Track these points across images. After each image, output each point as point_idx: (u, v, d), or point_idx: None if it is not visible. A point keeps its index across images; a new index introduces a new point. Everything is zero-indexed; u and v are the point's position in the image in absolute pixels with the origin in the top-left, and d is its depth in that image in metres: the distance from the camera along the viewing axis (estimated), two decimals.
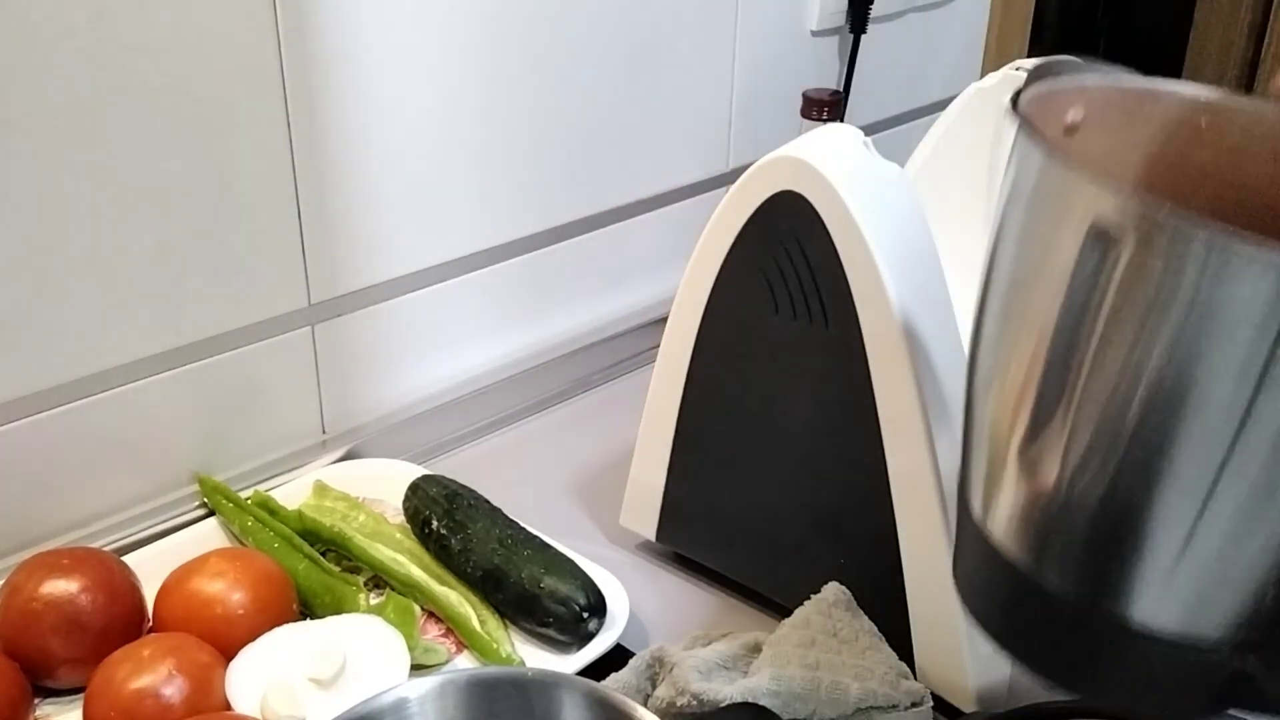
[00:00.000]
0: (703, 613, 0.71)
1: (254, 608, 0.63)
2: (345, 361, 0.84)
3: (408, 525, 0.73)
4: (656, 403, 0.71)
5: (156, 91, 0.68)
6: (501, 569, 0.66)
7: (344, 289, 0.82)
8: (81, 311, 0.68)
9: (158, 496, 0.75)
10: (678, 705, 0.57)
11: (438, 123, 0.83)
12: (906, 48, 1.24)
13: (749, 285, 0.64)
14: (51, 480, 0.70)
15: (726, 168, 1.08)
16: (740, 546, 0.70)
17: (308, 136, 0.76)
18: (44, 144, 0.64)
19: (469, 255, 0.89)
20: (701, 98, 1.03)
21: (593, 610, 0.64)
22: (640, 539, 0.75)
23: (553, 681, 0.49)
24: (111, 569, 0.63)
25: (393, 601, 0.66)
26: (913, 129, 1.28)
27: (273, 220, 0.76)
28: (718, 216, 0.64)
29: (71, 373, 0.69)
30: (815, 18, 1.10)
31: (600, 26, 0.92)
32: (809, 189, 0.60)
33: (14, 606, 0.60)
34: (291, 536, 0.70)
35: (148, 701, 0.56)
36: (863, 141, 0.63)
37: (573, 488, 0.83)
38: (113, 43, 0.65)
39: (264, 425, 0.80)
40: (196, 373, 0.75)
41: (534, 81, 0.89)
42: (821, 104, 0.80)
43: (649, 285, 1.04)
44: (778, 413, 0.65)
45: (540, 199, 0.93)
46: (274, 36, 0.72)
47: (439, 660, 0.64)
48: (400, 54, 0.79)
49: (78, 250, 0.67)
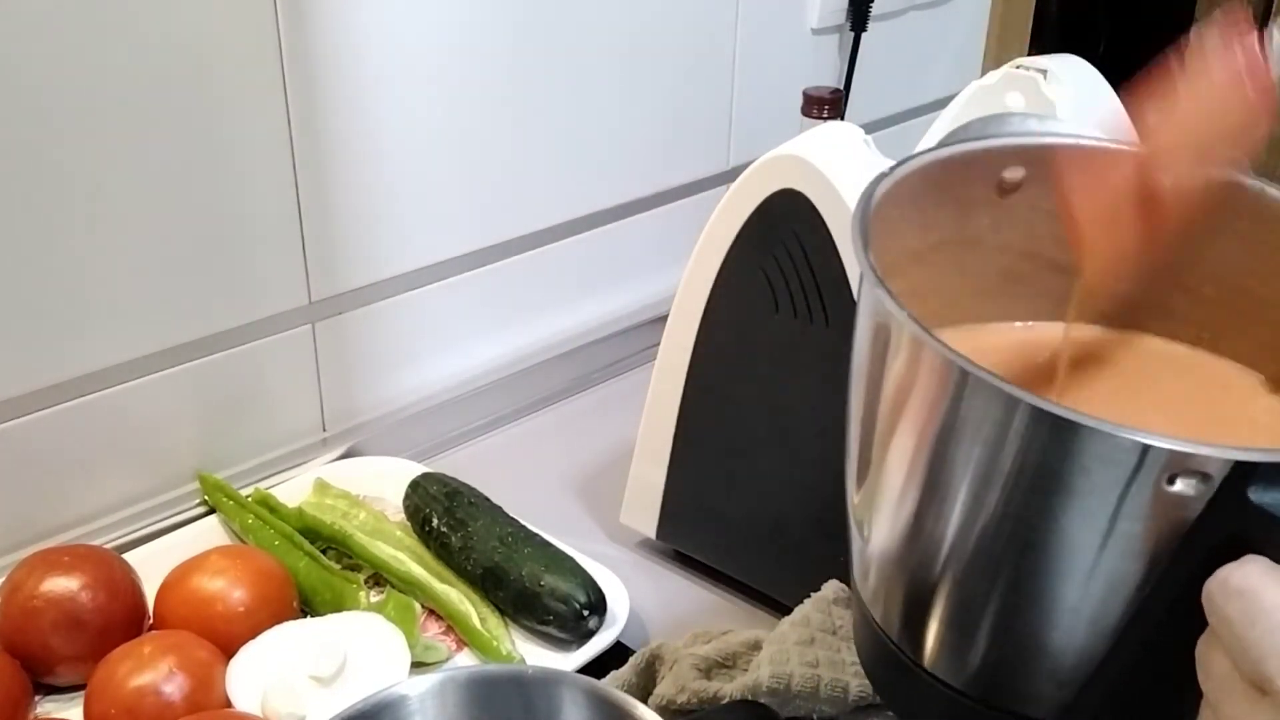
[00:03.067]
0: (702, 610, 0.71)
1: (254, 605, 0.63)
2: (346, 359, 0.84)
3: (408, 523, 0.73)
4: (657, 401, 0.71)
5: (157, 89, 0.68)
6: (502, 567, 0.66)
7: (344, 287, 0.82)
8: (81, 309, 0.68)
9: (158, 494, 0.75)
10: (678, 703, 0.57)
11: (438, 120, 0.83)
12: (907, 46, 1.23)
13: (749, 283, 0.64)
14: (52, 478, 0.70)
15: (727, 166, 1.08)
16: (740, 544, 0.70)
17: (308, 134, 0.76)
18: (43, 142, 0.64)
19: (470, 253, 0.89)
20: (702, 95, 1.03)
21: (593, 608, 0.64)
22: (640, 537, 0.75)
23: (553, 679, 0.49)
24: (112, 566, 0.63)
25: (393, 599, 0.66)
26: (913, 127, 1.27)
27: (273, 218, 0.76)
28: (718, 215, 0.64)
29: (71, 370, 0.69)
30: (816, 15, 1.10)
31: (600, 24, 0.92)
32: (809, 187, 0.60)
33: (14, 604, 0.60)
34: (292, 534, 0.70)
35: (148, 699, 0.56)
36: (863, 140, 0.63)
37: (573, 485, 0.83)
38: (112, 40, 0.65)
39: (264, 423, 0.80)
40: (197, 370, 0.75)
41: (535, 79, 0.88)
42: (822, 102, 0.80)
43: (649, 283, 1.04)
44: (778, 410, 0.65)
45: (540, 196, 0.93)
46: (274, 34, 0.72)
47: (439, 658, 0.64)
48: (401, 51, 0.79)
49: (77, 248, 0.67)
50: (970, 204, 0.48)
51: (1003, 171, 0.47)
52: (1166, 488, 0.34)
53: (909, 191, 0.45)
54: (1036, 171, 0.47)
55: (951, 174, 0.46)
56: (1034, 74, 0.72)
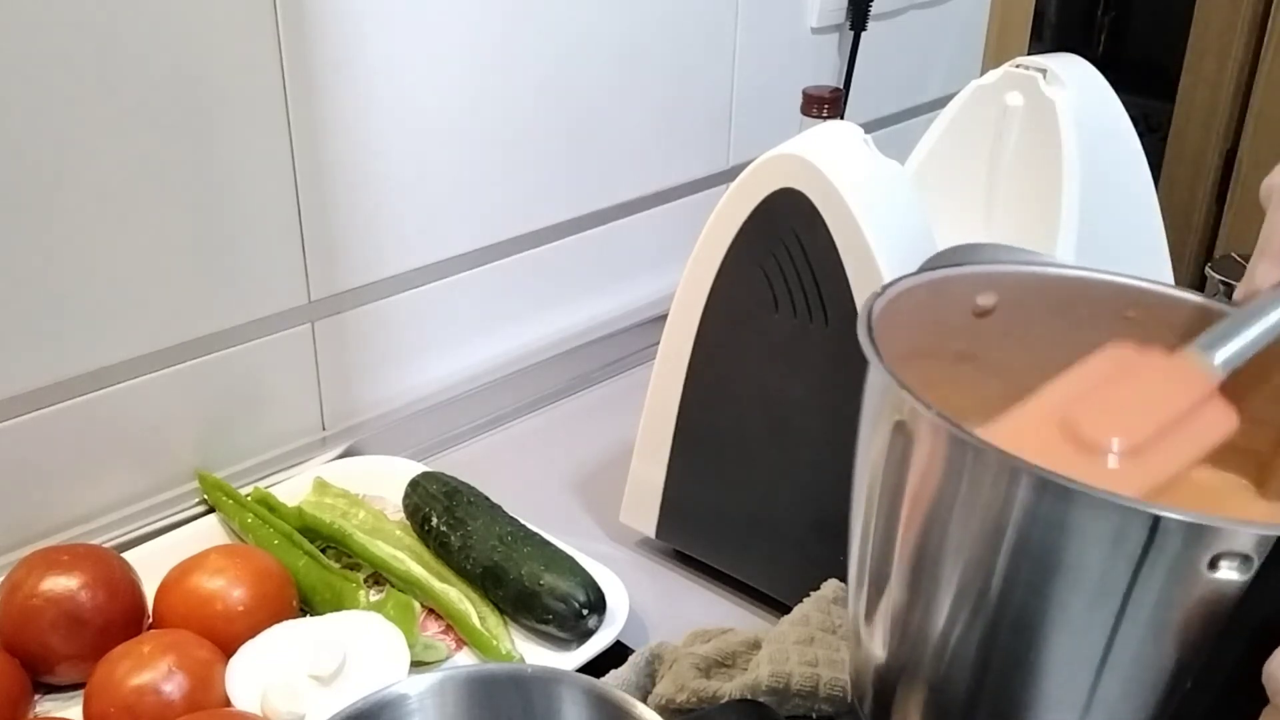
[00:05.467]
0: (702, 609, 0.71)
1: (254, 604, 0.63)
2: (345, 358, 0.84)
3: (407, 522, 0.73)
4: (656, 400, 0.71)
5: (158, 91, 0.68)
6: (501, 566, 0.66)
7: (344, 286, 0.82)
8: (81, 308, 0.68)
9: (158, 493, 0.75)
10: (677, 702, 0.57)
11: (438, 119, 0.83)
12: (907, 45, 1.24)
13: (749, 282, 0.64)
14: (52, 477, 0.70)
15: (727, 165, 1.08)
16: (739, 543, 0.70)
17: (308, 133, 0.76)
18: (42, 140, 0.64)
19: (469, 252, 0.89)
20: (702, 94, 1.03)
21: (592, 607, 0.64)
22: (640, 536, 0.75)
23: (552, 678, 0.49)
24: (111, 565, 0.63)
25: (392, 598, 0.66)
26: (913, 126, 1.28)
27: (273, 217, 0.76)
28: (718, 214, 0.64)
29: (71, 369, 0.69)
30: (815, 15, 1.10)
31: (601, 23, 0.91)
32: (809, 186, 0.60)
33: (14, 603, 0.60)
34: (291, 533, 0.70)
35: (148, 698, 0.56)
36: (863, 139, 0.63)
37: (573, 484, 0.83)
38: (110, 37, 0.65)
39: (264, 422, 0.80)
40: (196, 369, 0.75)
41: (535, 77, 0.88)
42: (822, 101, 0.80)
43: (649, 282, 1.04)
44: (777, 409, 0.65)
45: (540, 196, 0.93)
46: (274, 33, 0.72)
47: (439, 657, 0.64)
48: (402, 50, 0.79)
49: (77, 246, 0.67)
50: (950, 325, 0.51)
51: (976, 297, 0.50)
52: (1209, 573, 0.34)
53: (901, 309, 0.48)
54: (1006, 298, 0.50)
55: (934, 297, 0.50)
56: (1033, 73, 0.72)
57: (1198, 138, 1.51)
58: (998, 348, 0.51)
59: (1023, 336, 0.51)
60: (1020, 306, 0.51)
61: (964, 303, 0.50)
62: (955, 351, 0.51)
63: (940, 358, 0.51)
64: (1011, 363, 0.51)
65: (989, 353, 0.51)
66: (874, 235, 0.58)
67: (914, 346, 0.48)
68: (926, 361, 0.49)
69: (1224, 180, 1.51)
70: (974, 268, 0.50)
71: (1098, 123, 0.73)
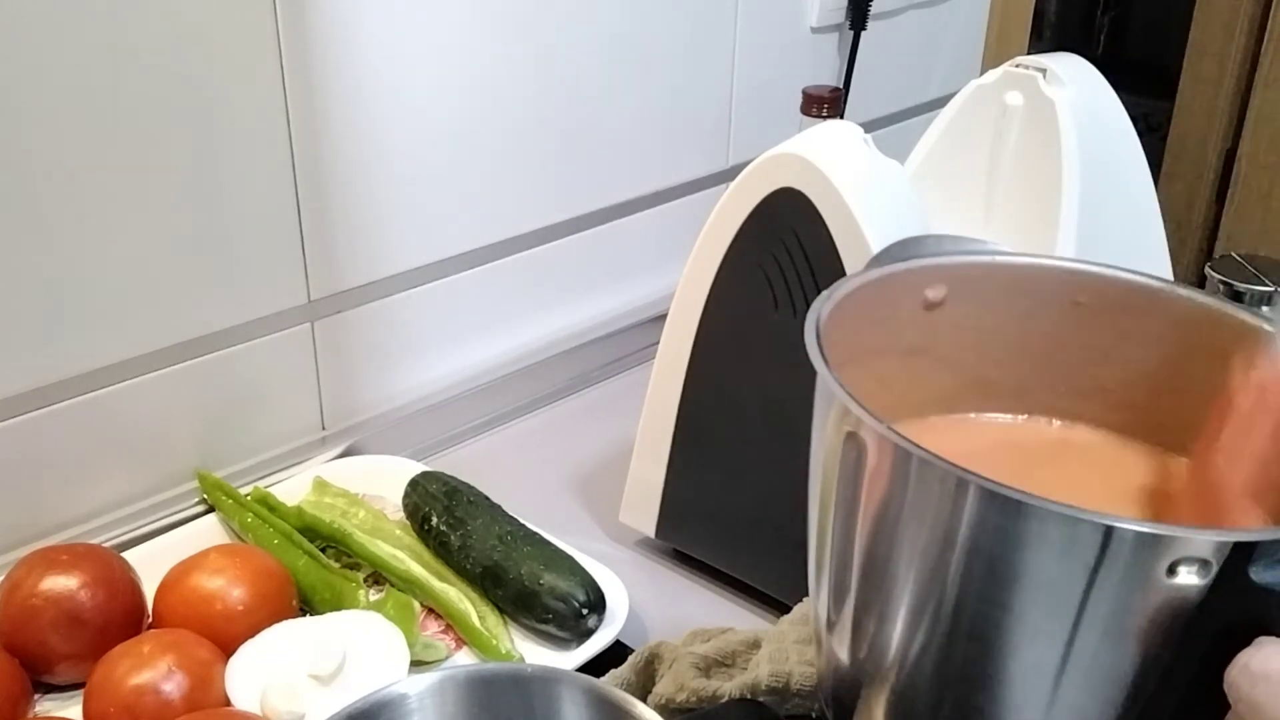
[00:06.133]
0: (702, 609, 0.71)
1: (254, 604, 0.63)
2: (345, 358, 0.84)
3: (407, 522, 0.73)
4: (656, 399, 0.71)
5: (157, 90, 0.68)
6: (501, 565, 0.66)
7: (344, 285, 0.82)
8: (81, 307, 0.68)
9: (157, 493, 0.75)
10: (677, 701, 0.57)
11: (438, 119, 0.83)
12: (906, 44, 1.24)
13: (749, 281, 0.64)
14: (51, 476, 0.70)
15: (726, 164, 1.08)
16: (739, 543, 0.70)
17: (308, 132, 0.76)
18: (42, 139, 0.64)
19: (469, 251, 0.89)
20: (701, 94, 1.03)
21: (592, 606, 0.64)
22: (640, 535, 0.75)
23: (552, 678, 0.49)
24: (111, 565, 0.63)
25: (392, 598, 0.66)
26: (912, 126, 1.28)
27: (272, 216, 0.76)
28: (717, 213, 0.64)
29: (71, 369, 0.69)
30: (815, 14, 1.10)
31: (601, 22, 0.91)
32: (809, 186, 0.60)
33: (14, 602, 0.60)
34: (291, 533, 0.70)
35: (147, 697, 0.56)
36: (863, 138, 0.63)
37: (572, 484, 0.83)
38: (110, 37, 0.65)
39: (264, 422, 0.80)
40: (196, 369, 0.75)
41: (534, 77, 0.88)
42: (821, 100, 0.80)
43: (649, 282, 1.04)
44: (777, 409, 0.65)
45: (540, 195, 0.93)
46: (274, 32, 0.72)
47: (438, 656, 0.64)
48: (401, 49, 0.79)
49: (76, 246, 0.67)
50: (900, 320, 0.51)
51: (925, 290, 0.50)
52: (1168, 579, 0.34)
53: (850, 309, 0.47)
54: (956, 289, 0.50)
55: (882, 294, 0.49)
56: (1033, 73, 0.72)
57: (1198, 138, 1.51)
58: (950, 339, 0.51)
59: (974, 327, 0.51)
60: (970, 297, 0.50)
61: (914, 297, 0.50)
62: (908, 346, 0.51)
63: (893, 354, 0.51)
64: (964, 354, 0.51)
65: (942, 345, 0.51)
66: (873, 234, 0.58)
67: (866, 345, 0.48)
68: (880, 359, 0.49)
69: (1224, 180, 1.51)
70: (921, 261, 0.50)
71: (1098, 122, 0.73)
